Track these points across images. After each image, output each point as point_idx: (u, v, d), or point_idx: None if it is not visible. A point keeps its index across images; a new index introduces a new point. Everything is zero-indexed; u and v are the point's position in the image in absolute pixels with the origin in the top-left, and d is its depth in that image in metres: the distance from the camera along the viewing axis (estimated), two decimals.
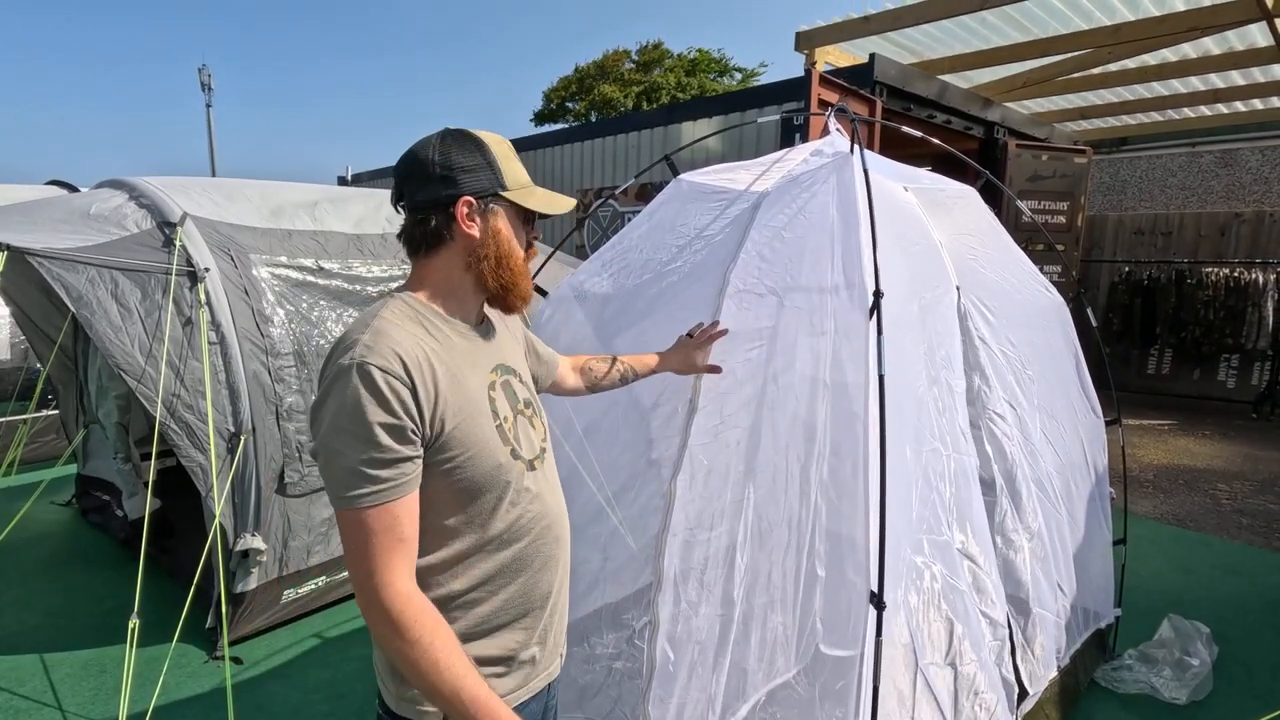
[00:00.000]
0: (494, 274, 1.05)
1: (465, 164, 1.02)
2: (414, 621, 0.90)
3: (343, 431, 0.91)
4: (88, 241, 2.77)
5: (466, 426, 0.99)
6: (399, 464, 0.92)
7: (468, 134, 1.05)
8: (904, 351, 1.59)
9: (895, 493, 1.34)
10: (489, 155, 1.04)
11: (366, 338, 0.94)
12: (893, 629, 1.44)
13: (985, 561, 1.76)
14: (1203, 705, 2.52)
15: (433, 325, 1.02)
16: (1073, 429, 2.42)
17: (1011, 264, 2.31)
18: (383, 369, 0.91)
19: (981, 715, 1.69)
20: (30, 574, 3.48)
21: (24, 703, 2.50)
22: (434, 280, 1.06)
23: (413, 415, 0.93)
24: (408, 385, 0.92)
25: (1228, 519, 4.38)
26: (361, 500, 0.91)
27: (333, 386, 0.92)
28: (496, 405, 1.05)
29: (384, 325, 0.96)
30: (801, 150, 2.07)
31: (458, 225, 1.02)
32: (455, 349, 1.03)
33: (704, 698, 1.81)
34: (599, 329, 2.16)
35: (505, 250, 1.05)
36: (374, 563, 0.91)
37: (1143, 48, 5.43)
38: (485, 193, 1.03)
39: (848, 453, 1.52)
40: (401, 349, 0.94)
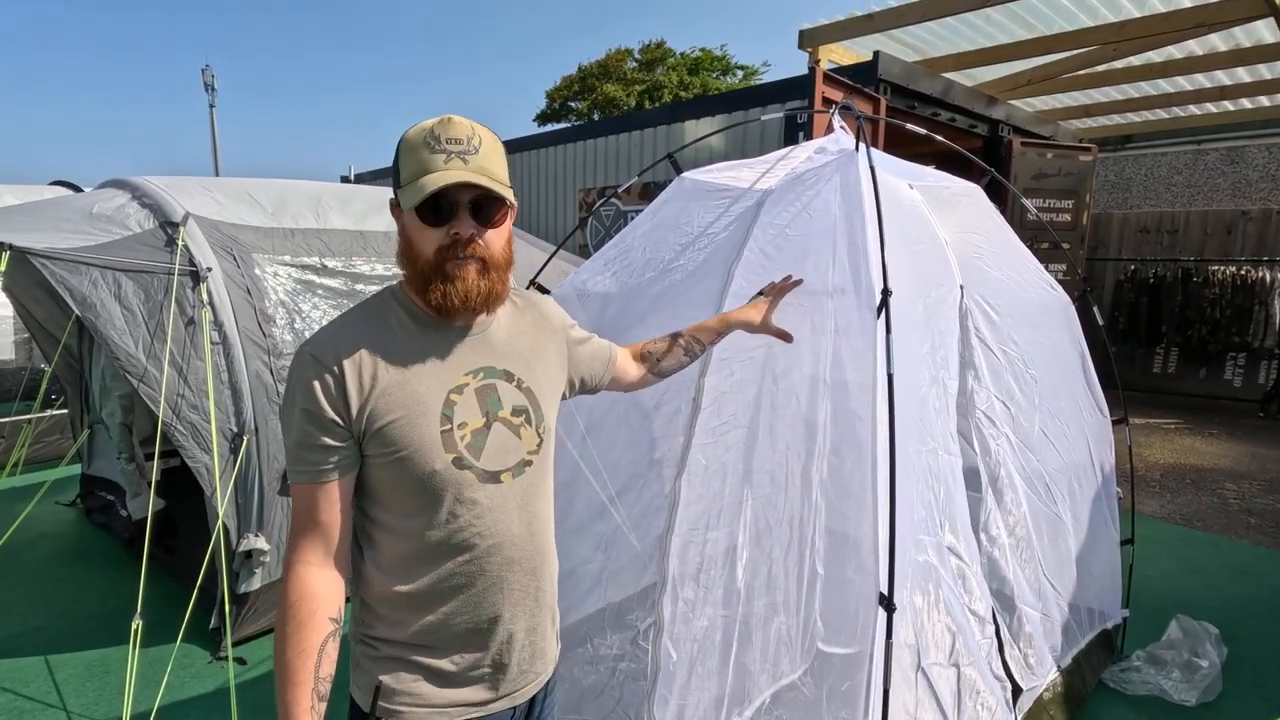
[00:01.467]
0: (409, 278, 1.03)
1: (396, 167, 1.01)
2: (290, 606, 0.94)
3: (285, 411, 0.99)
4: (90, 241, 2.77)
5: (401, 426, 0.97)
6: (321, 450, 0.96)
7: (407, 130, 1.01)
8: (908, 351, 1.57)
9: (901, 493, 1.32)
10: (400, 149, 1.00)
11: (325, 329, 1.01)
12: (900, 630, 1.43)
13: (970, 559, 1.75)
14: (1212, 707, 2.50)
15: (400, 320, 1.03)
16: (1078, 428, 2.40)
17: (1017, 262, 2.29)
18: (317, 358, 0.96)
19: (984, 715, 1.68)
20: (34, 574, 3.48)
21: (28, 703, 2.50)
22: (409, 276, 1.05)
23: (337, 407, 0.95)
24: (336, 377, 0.95)
25: (1235, 519, 4.35)
26: (292, 476, 0.97)
27: (290, 370, 1.00)
28: (454, 409, 1.01)
29: (346, 318, 1.02)
30: (805, 148, 2.06)
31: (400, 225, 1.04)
32: (416, 347, 1.01)
33: (708, 698, 1.80)
34: (602, 329, 2.14)
35: (413, 250, 1.01)
36: (292, 537, 0.98)
37: (1148, 44, 5.40)
38: (395, 192, 1.02)
39: (849, 452, 1.51)
40: (344, 343, 0.98)
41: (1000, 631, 2.06)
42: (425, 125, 0.99)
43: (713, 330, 1.54)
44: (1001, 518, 2.18)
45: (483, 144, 0.98)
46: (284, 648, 0.93)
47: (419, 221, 0.99)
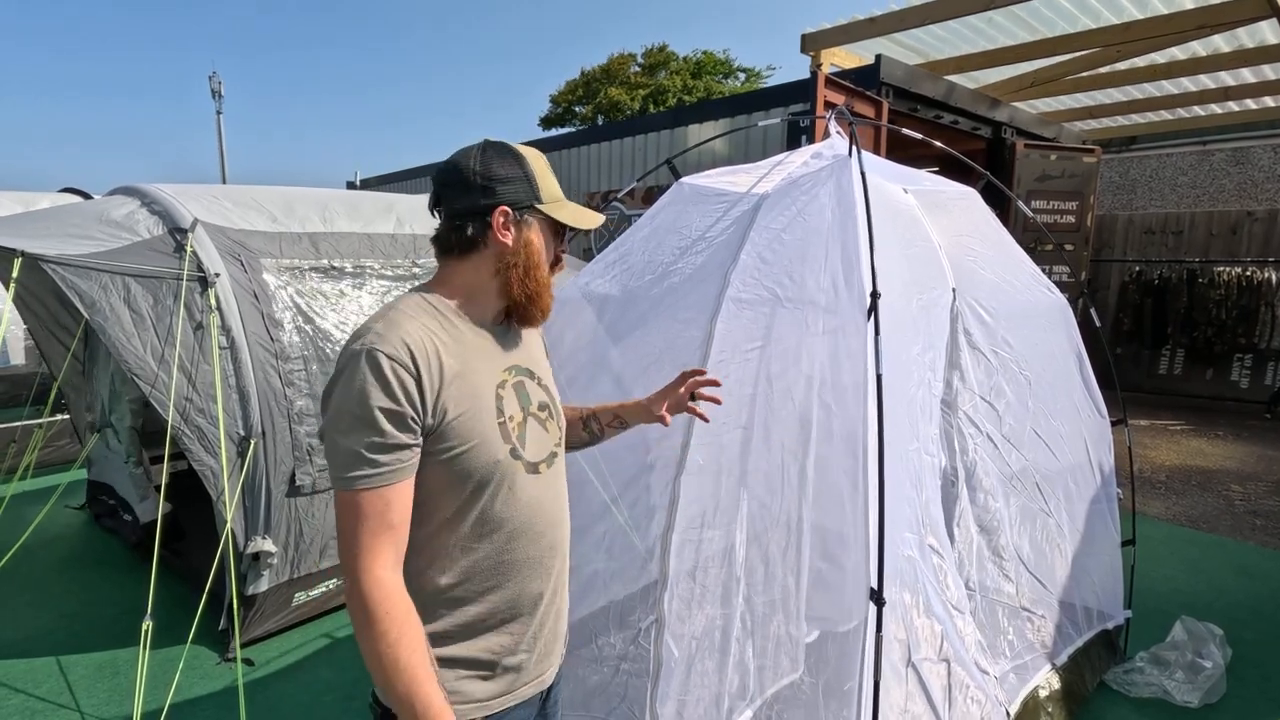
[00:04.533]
0: (520, 283, 1.08)
1: (504, 175, 1.05)
2: (385, 613, 0.92)
3: (346, 414, 0.94)
4: (100, 248, 2.82)
5: (468, 419, 1.01)
6: (397, 450, 0.95)
7: (508, 147, 1.09)
8: (900, 352, 1.59)
9: (889, 492, 1.34)
10: (527, 168, 1.08)
11: (379, 326, 0.98)
12: (889, 625, 1.45)
13: (945, 554, 1.77)
14: (1216, 709, 2.50)
15: (446, 320, 1.05)
16: (1075, 430, 2.41)
17: (1012, 265, 2.31)
18: (390, 356, 0.95)
19: (974, 709, 1.69)
20: (45, 577, 3.53)
21: (40, 704, 2.54)
22: (458, 281, 1.08)
23: (414, 403, 0.96)
24: (412, 373, 0.96)
25: (1241, 520, 4.34)
26: (358, 482, 0.94)
27: (343, 371, 0.97)
28: (504, 403, 1.07)
29: (398, 316, 1.00)
30: (802, 153, 2.09)
31: (493, 233, 1.05)
32: (467, 344, 1.05)
33: (709, 696, 1.82)
34: (601, 332, 2.18)
35: (535, 261, 1.08)
36: (360, 545, 0.94)
37: (1152, 46, 5.40)
38: (521, 204, 1.06)
39: (843, 452, 1.53)
40: (411, 339, 0.97)
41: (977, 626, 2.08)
42: (532, 150, 1.10)
43: (611, 412, 1.45)
44: (972, 514, 2.20)
45: None
46: (396, 652, 0.92)
47: (552, 236, 1.11)
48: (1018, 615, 2.28)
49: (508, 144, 1.10)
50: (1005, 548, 2.25)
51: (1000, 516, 2.24)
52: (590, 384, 2.24)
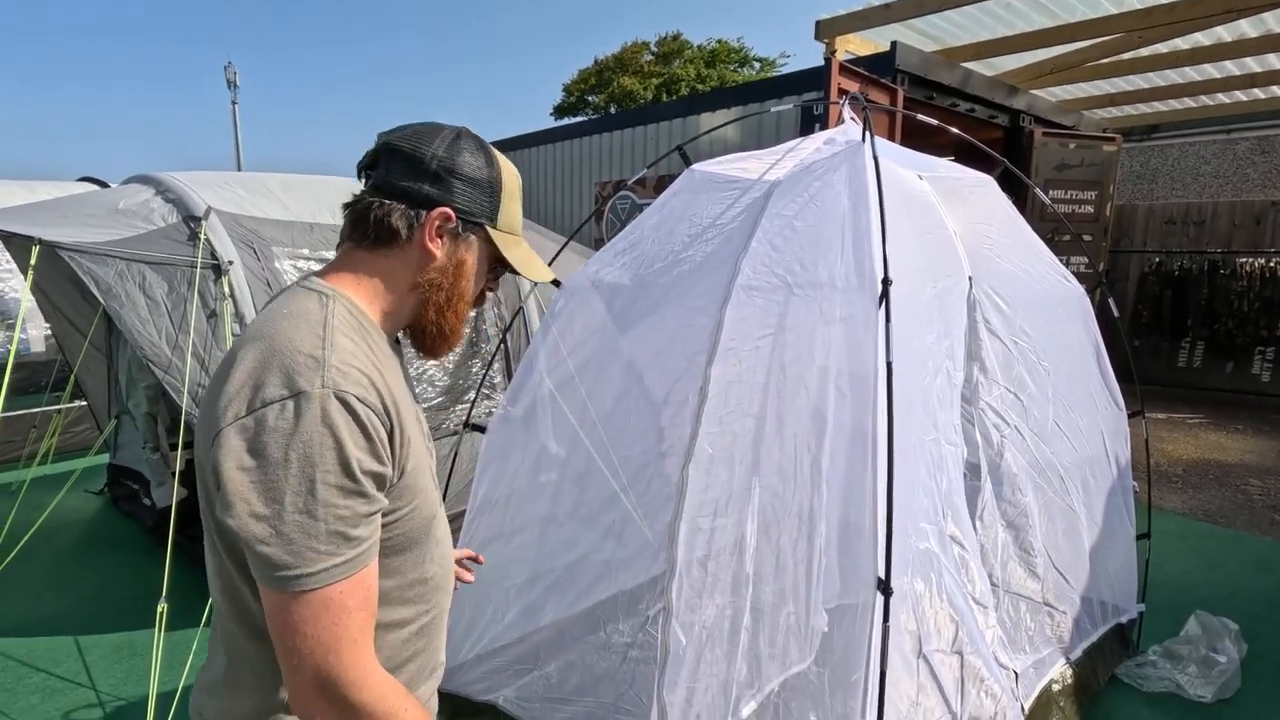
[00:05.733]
0: (439, 310, 0.89)
1: (469, 174, 0.87)
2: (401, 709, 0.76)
3: (307, 486, 0.70)
4: (116, 235, 2.85)
5: (415, 471, 0.83)
6: (375, 518, 0.76)
7: (486, 145, 0.91)
8: (913, 341, 1.58)
9: (902, 481, 1.33)
10: (496, 180, 0.89)
11: (331, 356, 0.74)
12: (900, 615, 1.44)
13: (970, 547, 1.75)
14: (1229, 703, 2.47)
15: (373, 339, 0.83)
16: (1092, 421, 2.38)
17: (1029, 253, 2.27)
18: (362, 400, 0.73)
19: (987, 703, 1.68)
20: (65, 560, 3.60)
21: (60, 683, 2.59)
22: (369, 283, 0.86)
23: (388, 456, 0.77)
24: (384, 421, 0.76)
25: (1260, 515, 4.28)
26: (338, 572, 0.71)
27: (292, 424, 0.70)
28: (427, 444, 0.91)
29: (339, 340, 0.77)
30: (815, 139, 2.06)
31: (421, 234, 0.85)
32: (395, 372, 0.86)
33: (717, 684, 1.82)
34: (611, 320, 2.18)
35: (462, 289, 0.90)
36: (345, 652, 0.72)
37: (1174, 31, 5.28)
38: (471, 216, 0.87)
39: (859, 442, 1.52)
40: (371, 374, 0.77)
41: (1001, 620, 2.07)
42: (513, 169, 0.94)
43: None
44: (998, 507, 2.18)
45: None
46: None
47: (488, 268, 0.93)
48: (1040, 611, 2.25)
49: (488, 144, 0.92)
50: (1033, 543, 2.21)
51: (1029, 511, 2.20)
52: (600, 371, 2.23)
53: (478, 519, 2.23)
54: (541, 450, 2.23)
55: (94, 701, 2.48)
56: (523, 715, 1.95)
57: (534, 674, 2.06)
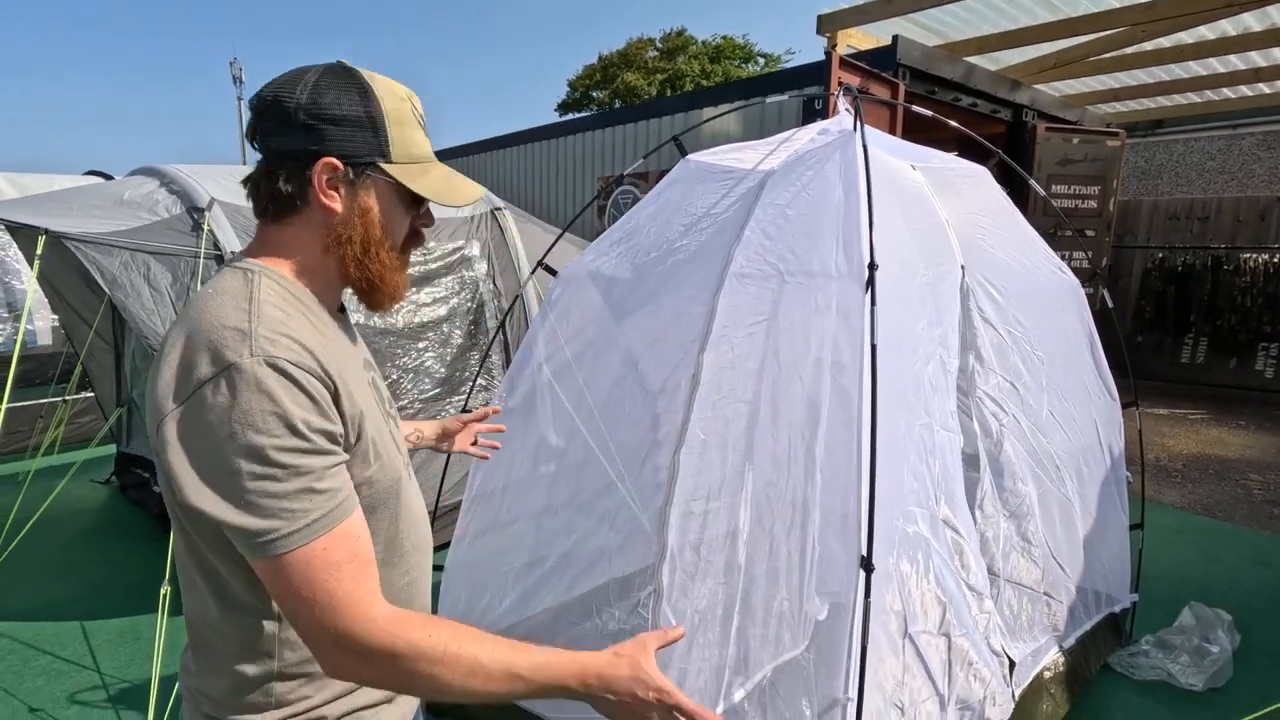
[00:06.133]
0: (358, 263, 0.84)
1: (337, 113, 0.79)
2: (429, 638, 0.74)
3: (256, 454, 0.69)
4: (121, 226, 2.88)
5: (371, 434, 0.83)
6: (341, 469, 0.76)
7: (355, 76, 0.81)
8: (902, 327, 1.59)
9: (889, 463, 1.35)
10: (375, 111, 0.80)
11: (258, 327, 0.73)
12: (885, 595, 1.46)
13: (967, 535, 1.77)
14: (1220, 692, 2.49)
15: (310, 311, 0.82)
16: (1086, 411, 2.39)
17: (1024, 244, 2.29)
18: (296, 364, 0.73)
19: (976, 686, 1.70)
20: (72, 546, 3.65)
21: (65, 665, 2.63)
22: (289, 255, 0.83)
23: (335, 415, 0.76)
24: (326, 385, 0.75)
25: (1259, 509, 4.28)
26: (317, 528, 0.72)
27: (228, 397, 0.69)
28: (382, 408, 0.91)
29: (266, 310, 0.76)
30: (810, 130, 2.08)
31: (313, 192, 0.80)
32: (339, 341, 0.85)
33: (709, 668, 1.84)
34: (607, 309, 2.20)
35: (375, 236, 0.84)
36: (346, 604, 0.72)
37: (1177, 25, 5.27)
38: (357, 158, 0.80)
39: (848, 431, 1.54)
40: (304, 340, 0.76)
41: (998, 608, 2.09)
42: (397, 90, 0.84)
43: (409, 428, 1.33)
44: (999, 497, 2.19)
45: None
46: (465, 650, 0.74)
47: (405, 206, 0.86)
48: (1038, 600, 2.27)
49: (358, 73, 0.82)
50: (1034, 533, 2.23)
51: (1030, 500, 2.21)
52: (598, 359, 2.26)
53: (474, 508, 2.26)
54: (540, 439, 2.26)
55: (98, 684, 2.53)
56: None
57: None
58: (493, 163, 9.90)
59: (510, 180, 9.50)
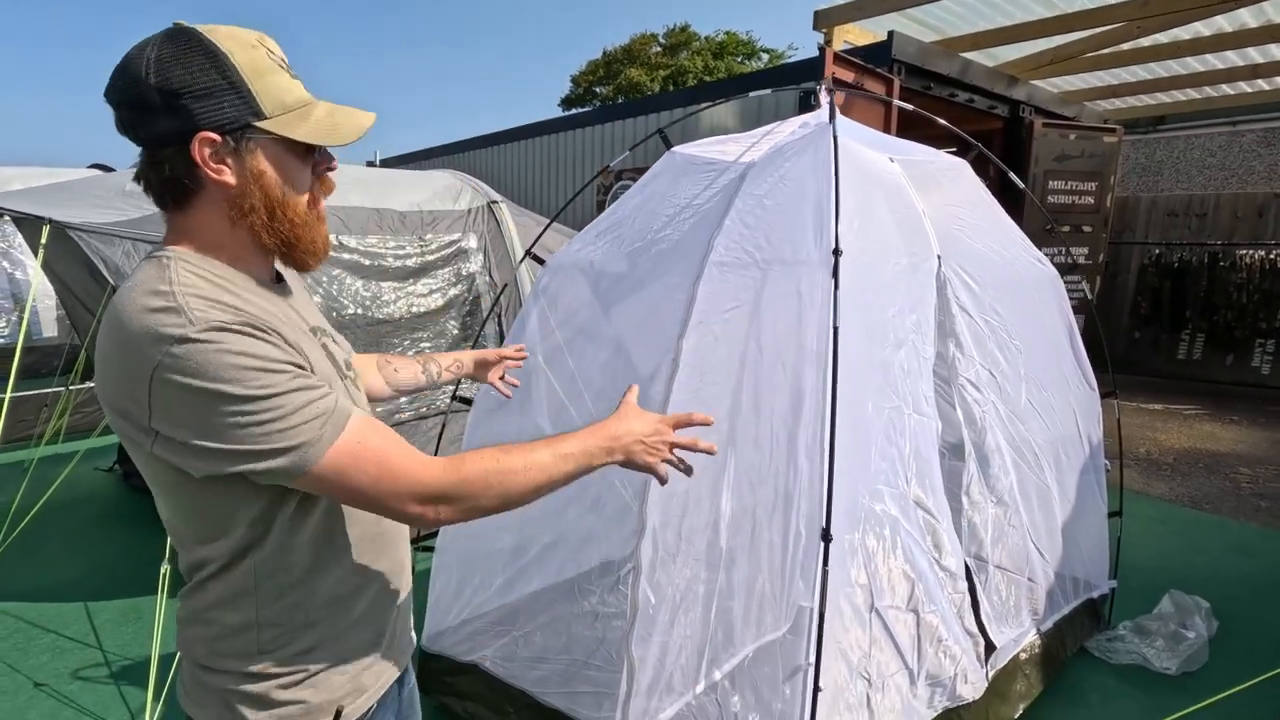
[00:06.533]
0: (268, 229, 0.83)
1: (195, 85, 0.75)
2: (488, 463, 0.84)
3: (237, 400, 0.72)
4: (123, 216, 2.95)
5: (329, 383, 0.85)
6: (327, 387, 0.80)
7: (197, 38, 0.76)
8: (872, 313, 1.65)
9: (855, 442, 1.41)
10: (229, 69, 0.76)
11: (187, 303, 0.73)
12: (850, 569, 1.51)
13: (942, 518, 1.82)
14: (1194, 676, 2.54)
15: (234, 292, 0.80)
16: (1064, 400, 2.44)
17: (1002, 236, 2.33)
18: (238, 320, 0.74)
19: (946, 663, 1.76)
20: (76, 531, 3.73)
21: (69, 643, 2.71)
22: (201, 239, 0.82)
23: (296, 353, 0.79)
24: (272, 336, 0.77)
25: (1246, 502, 4.32)
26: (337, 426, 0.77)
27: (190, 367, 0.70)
28: (330, 369, 0.91)
29: (188, 288, 0.75)
30: (791, 123, 2.13)
31: (200, 171, 0.77)
32: (278, 311, 0.85)
33: (692, 645, 1.90)
34: (595, 297, 2.25)
35: (276, 197, 0.82)
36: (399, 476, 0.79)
37: (1172, 22, 5.28)
38: (232, 125, 0.77)
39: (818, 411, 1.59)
40: (237, 305, 0.77)
41: (977, 590, 2.14)
42: (248, 39, 0.79)
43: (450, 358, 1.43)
44: (986, 483, 2.24)
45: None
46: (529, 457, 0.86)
47: (299, 156, 0.83)
48: (1019, 585, 2.32)
49: (198, 33, 0.77)
50: (1016, 518, 2.28)
51: (1011, 487, 2.27)
52: (588, 346, 2.31)
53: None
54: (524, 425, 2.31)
55: (100, 661, 2.60)
56: (502, 674, 2.04)
57: (512, 635, 2.15)
58: (493, 158, 9.96)
59: (510, 175, 9.56)
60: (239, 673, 0.87)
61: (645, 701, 1.71)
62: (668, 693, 1.80)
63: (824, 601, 1.30)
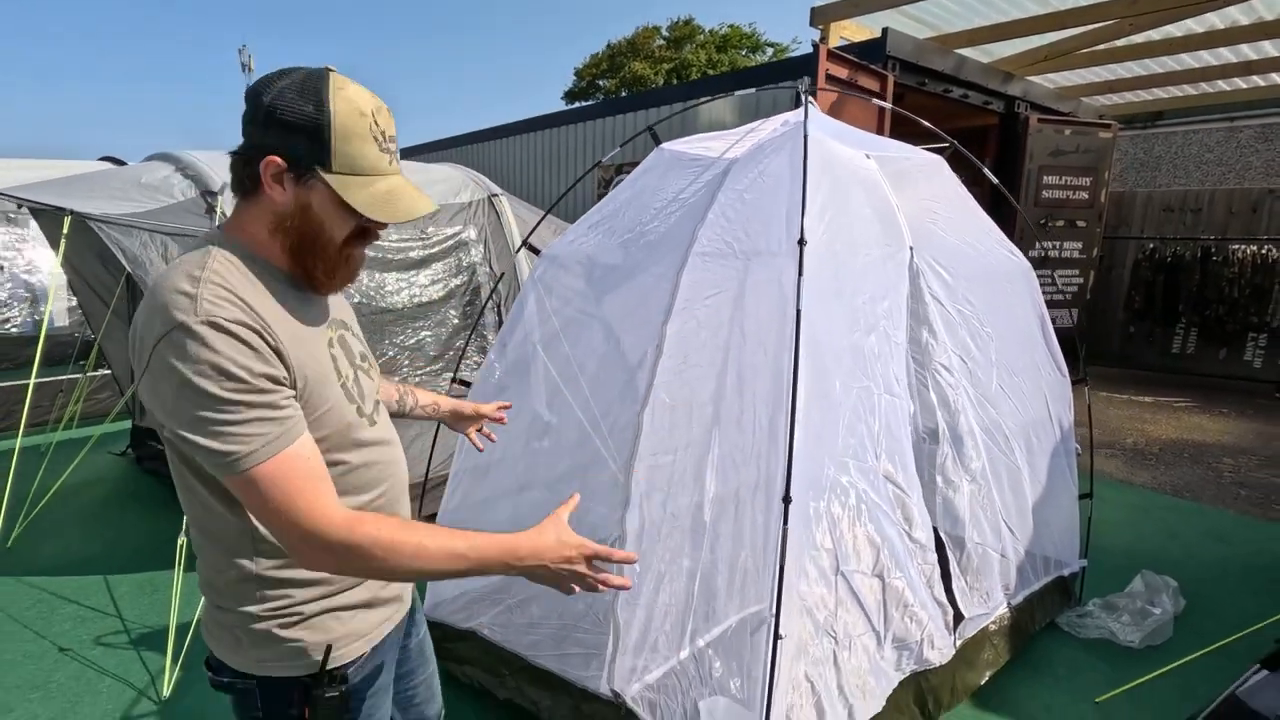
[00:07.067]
0: (293, 254, 0.96)
1: (290, 119, 0.88)
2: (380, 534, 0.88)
3: (207, 397, 0.83)
4: (140, 208, 3.08)
5: (318, 384, 0.96)
6: (288, 402, 0.89)
7: (322, 87, 0.89)
8: (843, 300, 1.77)
9: (822, 418, 1.53)
10: (323, 123, 0.88)
11: (202, 291, 0.86)
12: (814, 534, 1.64)
13: (912, 492, 1.94)
14: (1157, 649, 2.66)
15: (263, 277, 0.93)
16: (1035, 385, 2.56)
17: (976, 229, 2.45)
18: (233, 320, 0.85)
19: (913, 628, 1.88)
20: (92, 511, 3.88)
21: (90, 612, 2.86)
22: (250, 228, 0.96)
23: (277, 362, 0.89)
24: (265, 339, 0.88)
25: (1226, 490, 4.43)
26: (267, 450, 0.86)
27: (178, 353, 0.83)
28: (339, 363, 1.02)
29: (210, 277, 0.88)
30: (773, 121, 2.24)
31: (263, 181, 0.91)
32: (289, 304, 0.96)
33: (675, 613, 2.02)
34: (588, 285, 2.38)
35: (312, 233, 0.94)
36: (305, 512, 0.86)
37: (1163, 19, 5.36)
38: (299, 162, 0.90)
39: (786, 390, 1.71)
40: (239, 301, 0.88)
41: (950, 564, 2.27)
42: (362, 106, 0.91)
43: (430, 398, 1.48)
44: (960, 463, 2.37)
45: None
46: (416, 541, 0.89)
47: (346, 211, 0.93)
48: (989, 560, 2.45)
49: (326, 86, 0.89)
50: (988, 497, 2.40)
51: (984, 468, 2.39)
52: (581, 332, 2.43)
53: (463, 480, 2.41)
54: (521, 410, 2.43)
55: (120, 629, 2.75)
56: (498, 639, 2.18)
57: (506, 604, 2.28)
58: (495, 151, 10.07)
59: (511, 169, 9.67)
60: (245, 613, 0.99)
61: (632, 659, 1.84)
62: (653, 654, 1.93)
63: (784, 556, 1.43)
